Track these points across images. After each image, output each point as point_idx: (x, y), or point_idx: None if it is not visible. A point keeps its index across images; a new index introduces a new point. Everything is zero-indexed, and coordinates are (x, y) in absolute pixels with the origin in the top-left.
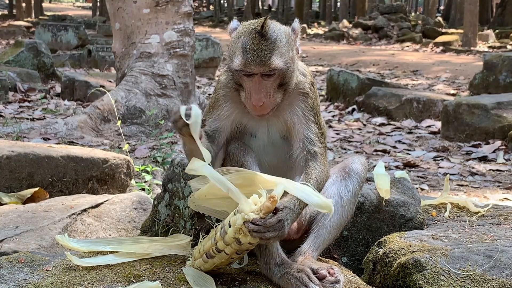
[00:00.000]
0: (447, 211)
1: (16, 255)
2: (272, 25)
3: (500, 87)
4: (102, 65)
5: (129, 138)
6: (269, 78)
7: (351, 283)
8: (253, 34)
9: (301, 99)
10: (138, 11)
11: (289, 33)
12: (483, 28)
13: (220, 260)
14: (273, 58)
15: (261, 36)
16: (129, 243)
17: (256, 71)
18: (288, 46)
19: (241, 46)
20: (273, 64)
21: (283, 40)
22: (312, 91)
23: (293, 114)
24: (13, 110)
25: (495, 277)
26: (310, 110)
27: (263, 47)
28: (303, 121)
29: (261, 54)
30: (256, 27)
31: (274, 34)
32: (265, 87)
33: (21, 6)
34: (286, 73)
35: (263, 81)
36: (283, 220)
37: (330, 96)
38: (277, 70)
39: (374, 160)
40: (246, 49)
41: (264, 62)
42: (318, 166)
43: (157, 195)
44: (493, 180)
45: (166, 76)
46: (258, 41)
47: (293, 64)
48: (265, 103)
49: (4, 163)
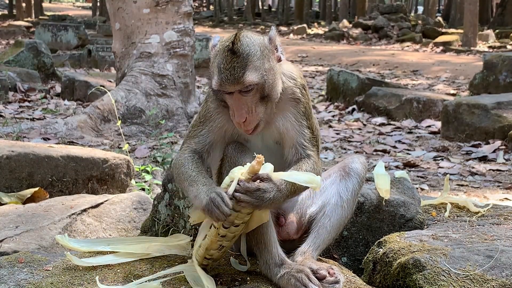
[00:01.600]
0: (447, 211)
1: (16, 255)
2: (245, 39)
3: (500, 87)
4: (102, 65)
5: (129, 138)
6: (247, 93)
7: (351, 283)
8: (225, 52)
9: (292, 105)
10: (138, 11)
11: (265, 44)
12: (483, 28)
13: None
14: (246, 74)
15: (233, 53)
16: (129, 243)
17: (232, 89)
18: (264, 58)
19: (217, 65)
20: (247, 80)
21: (256, 53)
22: (304, 95)
23: (285, 120)
24: (13, 110)
25: (495, 277)
26: (303, 115)
27: (236, 65)
28: (296, 127)
29: (234, 72)
30: (228, 44)
31: (247, 49)
32: (246, 103)
33: (21, 6)
34: (264, 86)
35: (242, 98)
36: (263, 189)
37: (330, 96)
38: (253, 85)
39: (374, 160)
40: (220, 69)
41: (237, 80)
42: (311, 163)
43: (157, 195)
44: (493, 180)
45: (166, 76)
46: (230, 59)
47: (272, 75)
48: (248, 119)
49: (4, 163)
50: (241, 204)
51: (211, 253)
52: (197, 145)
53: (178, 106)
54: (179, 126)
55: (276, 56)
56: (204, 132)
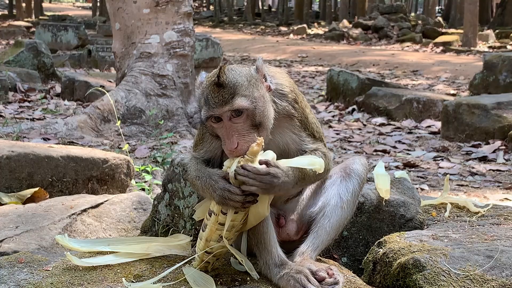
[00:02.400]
0: (447, 211)
1: (16, 255)
2: (231, 72)
3: (500, 87)
4: (102, 65)
5: (129, 138)
6: (238, 119)
7: (351, 283)
8: (211, 86)
9: (287, 121)
10: (138, 11)
11: (251, 74)
12: (483, 28)
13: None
14: (235, 98)
15: (219, 86)
16: (129, 243)
17: (220, 112)
18: (251, 86)
19: (204, 99)
20: (236, 103)
21: (244, 83)
22: (297, 110)
23: (284, 136)
24: (13, 110)
25: (495, 277)
26: (299, 127)
27: (223, 93)
28: (296, 139)
29: (221, 98)
30: (214, 78)
31: (233, 80)
32: (236, 130)
33: (21, 6)
34: (255, 112)
35: (232, 125)
36: (272, 174)
37: (330, 96)
38: (243, 108)
39: (374, 160)
40: (208, 100)
41: (225, 102)
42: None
43: (157, 195)
44: (493, 180)
45: (166, 76)
46: (217, 91)
47: (262, 103)
48: (239, 146)
49: (4, 163)
50: (250, 189)
51: (211, 245)
52: (199, 156)
53: (178, 106)
54: (179, 126)
55: (266, 86)
56: (203, 152)
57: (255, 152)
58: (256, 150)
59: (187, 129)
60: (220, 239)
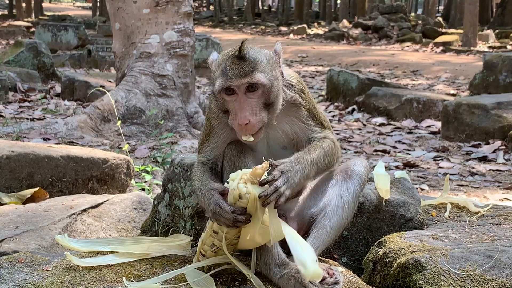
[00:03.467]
0: (447, 211)
1: (16, 255)
2: (251, 48)
3: (500, 87)
4: (102, 65)
5: (129, 138)
6: (253, 94)
7: (351, 283)
8: (231, 58)
9: (295, 110)
10: (138, 11)
11: (271, 55)
12: (483, 28)
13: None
14: (254, 72)
15: (240, 58)
16: (129, 243)
17: (237, 83)
18: (270, 66)
19: (221, 70)
20: (255, 76)
21: (263, 60)
22: (304, 99)
23: (293, 125)
24: (13, 110)
25: (495, 277)
26: (307, 116)
27: (243, 65)
28: (305, 128)
29: (241, 69)
30: (234, 52)
31: (253, 55)
32: (250, 105)
33: (21, 6)
34: (271, 90)
35: (247, 99)
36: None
37: (330, 96)
38: (260, 84)
39: (374, 160)
40: (226, 69)
41: (245, 74)
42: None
43: (157, 195)
44: (493, 180)
45: (166, 76)
46: (237, 62)
47: (277, 84)
48: (251, 122)
49: (4, 163)
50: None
51: (205, 248)
52: (204, 159)
53: (178, 106)
54: (179, 126)
55: (280, 71)
56: (209, 149)
57: (258, 175)
58: (259, 173)
59: (187, 129)
60: (213, 245)
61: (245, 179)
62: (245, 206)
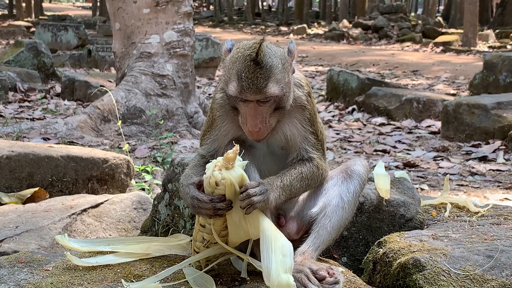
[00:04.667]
0: (447, 211)
1: (16, 255)
2: (268, 50)
3: (500, 87)
4: (102, 65)
5: (129, 138)
6: (264, 104)
7: (351, 283)
8: (248, 61)
9: (298, 112)
10: (138, 11)
11: (285, 57)
12: (483, 28)
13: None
14: (268, 85)
15: (256, 64)
16: (129, 243)
17: (252, 98)
18: (284, 71)
19: (236, 73)
20: (269, 92)
21: (278, 66)
22: (309, 103)
23: (292, 126)
24: (13, 110)
25: (495, 277)
26: (308, 121)
27: (259, 75)
28: (302, 132)
29: (256, 82)
30: (251, 53)
31: (270, 61)
32: (261, 113)
33: (21, 6)
34: (282, 98)
35: (259, 107)
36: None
37: (330, 96)
38: (273, 97)
39: (374, 160)
40: (241, 77)
41: (260, 90)
42: (310, 166)
43: (157, 195)
44: (493, 180)
45: (166, 76)
46: (253, 69)
47: (289, 89)
48: (261, 129)
49: (4, 163)
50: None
51: (197, 245)
52: (204, 151)
53: (178, 106)
54: (179, 126)
55: (292, 69)
56: (210, 141)
57: (231, 159)
58: (232, 157)
59: (187, 129)
60: (203, 240)
61: (219, 165)
62: (223, 192)
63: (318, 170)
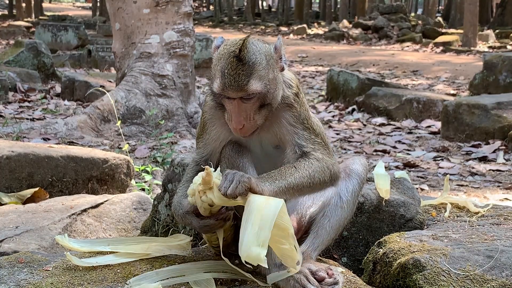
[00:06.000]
0: (447, 211)
1: (16, 255)
2: (252, 46)
3: (500, 87)
4: (102, 65)
5: (129, 138)
6: (248, 101)
7: (351, 283)
8: (231, 57)
9: (285, 111)
10: (138, 11)
11: (270, 53)
12: (483, 28)
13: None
14: (250, 82)
15: (239, 60)
16: (129, 243)
17: (234, 95)
18: (268, 68)
19: (220, 69)
20: (250, 88)
21: (262, 62)
22: (296, 101)
23: (281, 126)
24: (13, 110)
25: (495, 277)
26: (297, 119)
27: (240, 72)
28: (291, 130)
29: (238, 79)
30: (235, 49)
31: (253, 57)
32: (245, 110)
33: (21, 6)
34: (266, 95)
35: (242, 104)
36: (227, 173)
37: (330, 96)
38: (255, 94)
39: (374, 160)
40: (224, 73)
41: (241, 88)
42: (309, 161)
43: (157, 195)
44: (493, 180)
45: (166, 76)
46: (235, 65)
47: (274, 85)
48: (245, 126)
49: (4, 163)
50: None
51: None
52: (198, 156)
53: (178, 106)
54: (179, 126)
55: (280, 66)
56: (202, 145)
57: (208, 182)
58: (208, 180)
59: (187, 129)
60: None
61: (201, 190)
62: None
63: (318, 162)
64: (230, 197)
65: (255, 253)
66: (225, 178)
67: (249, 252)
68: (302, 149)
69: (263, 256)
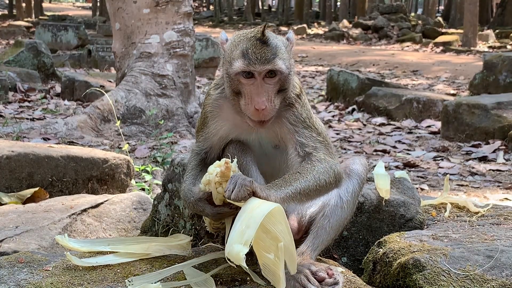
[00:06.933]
0: (447, 211)
1: (16, 255)
2: (270, 33)
3: (500, 87)
4: (102, 65)
5: (129, 138)
6: (271, 80)
7: (351, 283)
8: (253, 40)
9: (287, 110)
10: (138, 11)
11: (287, 43)
12: (483, 28)
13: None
14: (276, 58)
15: (262, 42)
16: (129, 243)
17: (259, 69)
18: (287, 53)
19: (241, 51)
20: (277, 64)
21: (282, 47)
22: (297, 101)
23: (282, 125)
24: (13, 110)
25: (495, 277)
26: (298, 118)
27: (266, 50)
28: (292, 129)
29: (264, 55)
30: (256, 34)
31: (275, 41)
32: (267, 91)
33: (21, 6)
34: (287, 78)
35: (264, 84)
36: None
37: (330, 96)
38: (280, 71)
39: (374, 160)
40: (247, 52)
41: (268, 60)
42: (311, 163)
43: (157, 195)
44: (493, 180)
45: (166, 76)
46: (260, 46)
47: (292, 71)
48: (267, 108)
49: (4, 163)
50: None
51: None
52: (198, 148)
53: (178, 106)
54: (179, 126)
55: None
56: (202, 139)
57: (226, 175)
58: (227, 173)
59: (187, 129)
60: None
61: (218, 182)
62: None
63: (321, 163)
64: (234, 201)
65: (236, 250)
66: (230, 181)
67: (231, 249)
68: (304, 149)
69: (243, 254)
